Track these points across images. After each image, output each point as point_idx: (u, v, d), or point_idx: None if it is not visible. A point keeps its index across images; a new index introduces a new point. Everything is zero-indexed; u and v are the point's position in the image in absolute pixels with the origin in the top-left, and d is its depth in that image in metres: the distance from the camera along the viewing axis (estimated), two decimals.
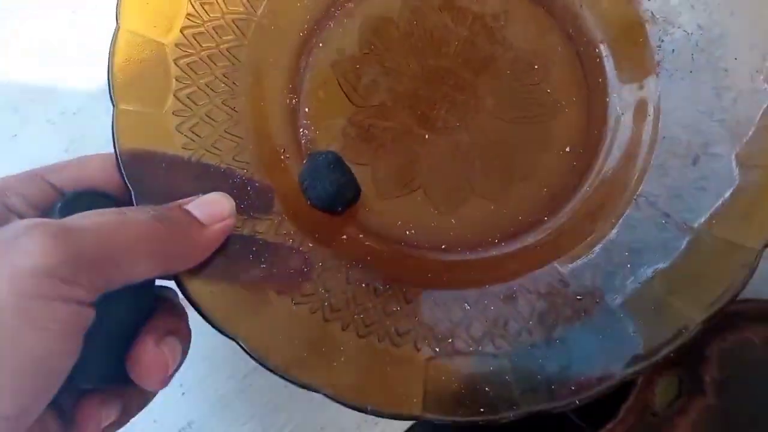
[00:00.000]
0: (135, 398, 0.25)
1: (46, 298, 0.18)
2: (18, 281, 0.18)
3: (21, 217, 0.24)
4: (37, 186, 0.25)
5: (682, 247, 0.27)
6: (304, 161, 0.30)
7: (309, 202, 0.30)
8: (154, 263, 0.22)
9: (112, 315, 0.22)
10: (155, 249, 0.22)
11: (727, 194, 0.27)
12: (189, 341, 0.25)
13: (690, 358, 0.32)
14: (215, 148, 0.29)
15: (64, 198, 0.25)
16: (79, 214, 0.22)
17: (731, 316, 0.31)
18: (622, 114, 0.32)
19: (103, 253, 0.20)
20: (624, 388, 0.30)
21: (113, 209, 0.23)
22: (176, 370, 0.24)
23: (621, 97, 0.32)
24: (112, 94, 0.27)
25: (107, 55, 0.28)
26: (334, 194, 0.29)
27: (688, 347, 0.24)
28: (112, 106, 0.27)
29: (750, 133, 0.28)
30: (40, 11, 0.40)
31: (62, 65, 0.39)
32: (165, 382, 0.23)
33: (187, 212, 0.24)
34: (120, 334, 0.23)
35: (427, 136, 0.32)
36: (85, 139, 0.38)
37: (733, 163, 0.28)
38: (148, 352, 0.23)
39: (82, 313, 0.20)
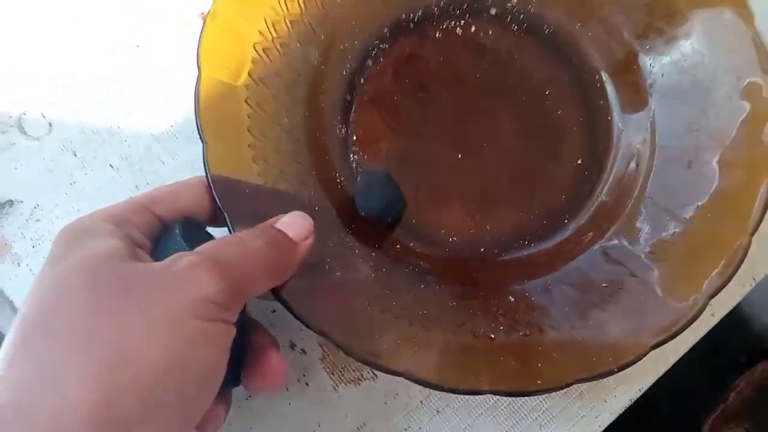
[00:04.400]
0: (224, 404, 0.28)
1: (216, 320, 0.23)
2: (197, 308, 0.22)
3: (141, 247, 0.26)
4: (143, 217, 0.28)
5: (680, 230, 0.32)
6: (358, 178, 0.34)
7: (362, 213, 0.34)
8: (269, 281, 0.26)
9: None
10: (270, 269, 0.26)
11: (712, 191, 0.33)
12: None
13: (758, 407, 0.33)
14: (283, 173, 0.33)
15: (179, 228, 0.28)
16: (210, 243, 0.25)
17: None
18: (623, 130, 0.37)
19: (245, 279, 0.25)
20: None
21: (234, 238, 0.26)
22: None
23: (621, 116, 0.38)
24: (200, 132, 0.31)
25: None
26: (385, 206, 0.34)
27: (754, 396, 0.25)
28: (201, 143, 0.31)
29: (728, 141, 0.34)
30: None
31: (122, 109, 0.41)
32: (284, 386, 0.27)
33: (284, 233, 0.28)
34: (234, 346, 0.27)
35: (459, 156, 0.37)
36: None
37: (716, 167, 0.33)
38: (276, 361, 0.27)
39: (231, 331, 0.24)
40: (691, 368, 0.34)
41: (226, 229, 0.29)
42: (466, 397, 0.34)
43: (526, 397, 0.34)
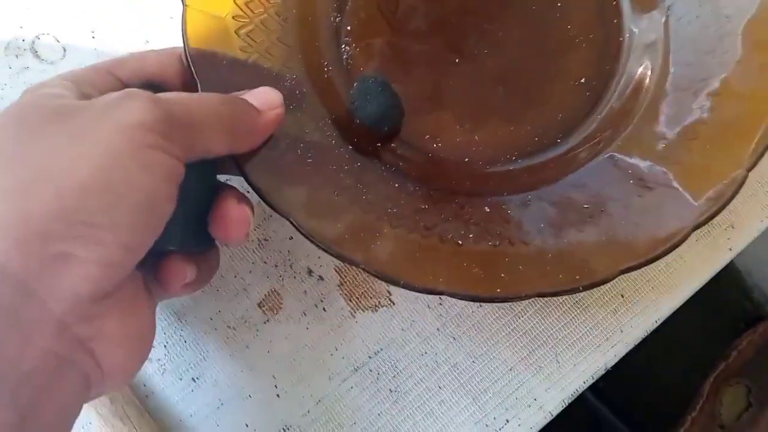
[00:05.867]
0: (206, 264, 0.29)
1: (152, 147, 0.22)
2: (130, 132, 0.21)
3: None
4: (104, 79, 0.28)
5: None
6: (355, 83, 0.33)
7: (358, 121, 0.32)
8: (224, 139, 0.26)
9: (190, 186, 0.25)
10: (224, 125, 0.25)
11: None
12: (253, 211, 0.28)
13: (759, 365, 0.32)
14: (268, 53, 0.32)
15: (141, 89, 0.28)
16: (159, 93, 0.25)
17: None
18: (634, 52, 0.35)
19: (188, 119, 0.24)
20: (689, 398, 0.30)
21: (184, 92, 0.26)
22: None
23: (633, 37, 0.35)
24: None
25: None
26: (382, 115, 0.32)
27: (755, 355, 0.24)
28: (182, 5, 0.30)
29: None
30: None
31: None
32: (246, 237, 0.27)
33: (246, 99, 0.27)
34: (197, 203, 0.27)
35: (457, 60, 0.35)
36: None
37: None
38: (233, 208, 0.26)
39: (178, 166, 0.23)
40: (693, 333, 0.32)
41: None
42: (483, 323, 0.34)
43: (543, 327, 0.34)
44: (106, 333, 0.22)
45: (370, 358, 0.34)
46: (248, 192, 0.29)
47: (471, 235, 0.30)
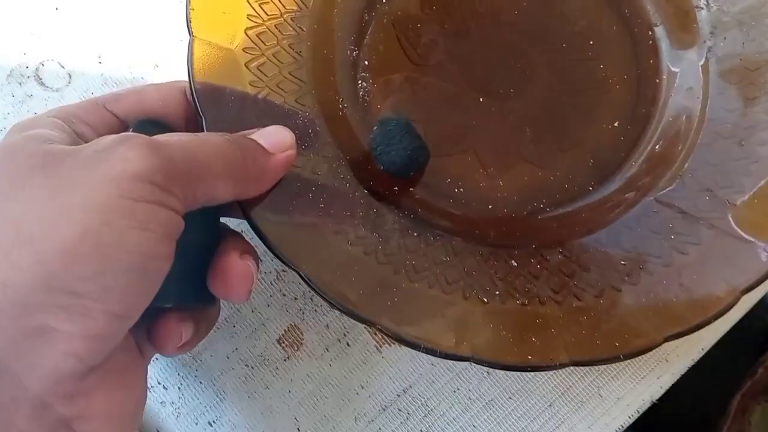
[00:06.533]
0: (204, 320, 0.26)
1: (148, 201, 0.19)
2: (122, 185, 0.19)
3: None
4: (100, 115, 0.25)
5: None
6: (375, 126, 0.30)
7: (381, 168, 0.30)
8: (230, 184, 0.23)
9: (190, 237, 0.22)
10: (231, 170, 0.23)
11: None
12: (259, 263, 0.26)
13: None
14: (280, 88, 0.30)
15: (134, 126, 0.26)
16: (159, 135, 0.22)
17: None
18: (672, 95, 0.33)
19: (190, 165, 0.21)
20: (713, 417, 0.30)
21: (187, 133, 0.24)
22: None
23: (671, 79, 0.33)
24: (189, 24, 0.28)
25: None
26: (408, 160, 0.30)
27: None
28: (188, 35, 0.28)
29: None
30: None
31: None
32: (248, 295, 0.24)
33: (255, 140, 0.25)
34: (197, 255, 0.24)
35: (481, 100, 0.33)
36: None
37: None
38: (235, 264, 0.24)
39: (176, 221, 0.20)
40: (713, 348, 0.32)
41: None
42: None
43: None
44: (92, 411, 0.19)
45: (398, 396, 0.31)
46: (252, 238, 0.27)
47: (497, 292, 0.28)
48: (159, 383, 0.31)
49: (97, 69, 0.36)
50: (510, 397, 0.31)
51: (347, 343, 0.32)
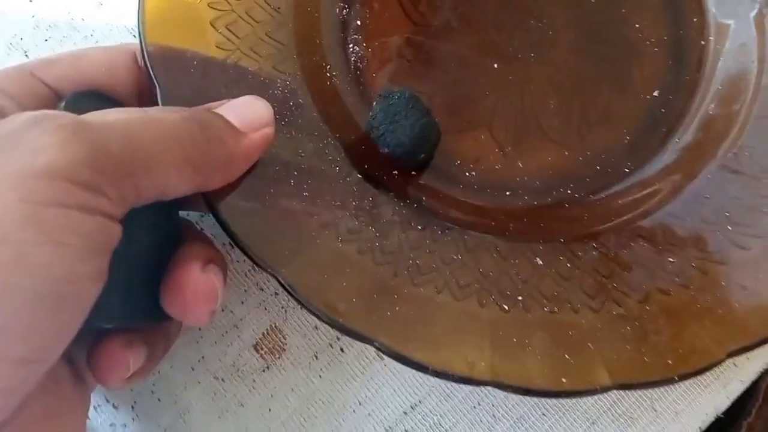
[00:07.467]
0: (162, 339, 0.21)
1: (63, 206, 0.15)
2: (25, 185, 0.14)
3: None
4: (27, 84, 0.21)
5: None
6: (374, 103, 0.26)
7: (386, 150, 0.25)
8: (188, 173, 0.19)
9: (137, 240, 0.18)
10: (189, 155, 0.19)
11: None
12: (226, 274, 0.21)
13: None
14: (254, 52, 0.25)
15: (67, 99, 0.21)
16: (95, 111, 0.18)
17: None
18: (720, 59, 0.28)
19: (131, 154, 0.17)
20: (745, 398, 0.27)
21: (134, 108, 0.19)
22: None
23: (719, 40, 0.28)
24: None
25: None
26: (417, 139, 0.25)
27: None
28: None
29: None
30: None
31: None
32: (211, 316, 0.20)
33: (221, 116, 0.21)
34: (146, 264, 0.19)
35: (495, 66, 0.28)
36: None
37: None
38: (196, 278, 0.19)
39: (107, 229, 0.16)
40: None
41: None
42: None
43: None
44: None
45: (405, 414, 0.27)
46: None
47: (520, 297, 0.23)
48: (108, 401, 0.27)
49: (27, 8, 0.32)
50: (543, 414, 0.27)
51: (341, 349, 0.28)
